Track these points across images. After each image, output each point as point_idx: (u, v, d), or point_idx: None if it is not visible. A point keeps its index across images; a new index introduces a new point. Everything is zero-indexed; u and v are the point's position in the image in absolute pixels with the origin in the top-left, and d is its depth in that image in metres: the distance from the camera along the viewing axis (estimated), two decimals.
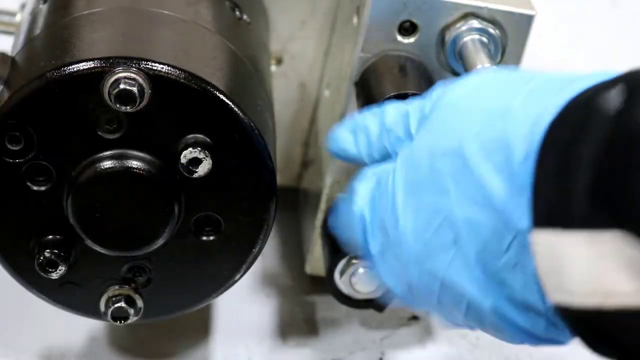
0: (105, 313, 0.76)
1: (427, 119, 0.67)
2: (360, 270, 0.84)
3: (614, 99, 0.55)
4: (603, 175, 0.54)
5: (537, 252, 0.57)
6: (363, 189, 0.70)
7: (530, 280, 0.60)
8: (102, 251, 0.74)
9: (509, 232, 0.60)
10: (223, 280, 0.77)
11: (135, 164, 0.71)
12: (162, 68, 0.70)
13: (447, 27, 0.81)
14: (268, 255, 0.98)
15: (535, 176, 0.57)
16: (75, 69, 0.69)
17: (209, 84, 0.71)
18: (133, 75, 0.69)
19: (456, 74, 0.82)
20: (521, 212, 0.59)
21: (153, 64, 0.69)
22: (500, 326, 0.63)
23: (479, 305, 0.63)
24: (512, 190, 0.59)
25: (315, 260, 0.91)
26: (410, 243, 0.65)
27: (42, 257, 0.73)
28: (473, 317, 0.64)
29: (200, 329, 0.90)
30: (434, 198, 0.63)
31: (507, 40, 0.81)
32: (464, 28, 0.80)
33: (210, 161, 0.71)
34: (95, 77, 0.69)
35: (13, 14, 0.93)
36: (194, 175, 0.72)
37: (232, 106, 0.71)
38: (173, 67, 0.70)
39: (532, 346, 0.64)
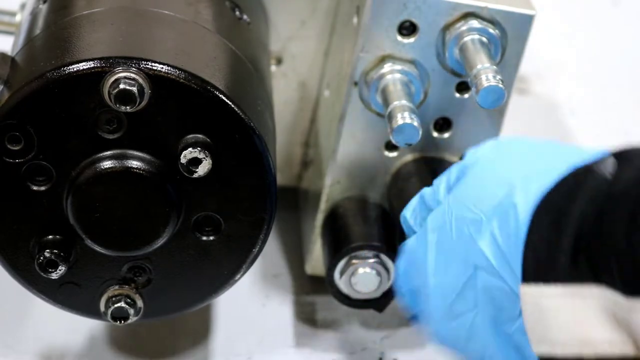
0: (105, 313, 0.76)
1: (454, 188, 0.71)
2: (360, 270, 0.84)
3: (607, 168, 0.60)
4: (586, 232, 0.58)
5: (525, 304, 0.61)
6: (399, 266, 0.74)
7: None
8: (102, 251, 0.74)
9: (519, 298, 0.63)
10: (223, 280, 0.77)
11: (135, 164, 0.71)
12: (162, 68, 0.70)
13: (447, 27, 0.81)
14: (268, 255, 0.98)
15: (527, 235, 0.62)
16: (75, 69, 0.69)
17: (209, 84, 0.71)
18: (133, 75, 0.69)
19: (456, 73, 0.83)
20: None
21: (153, 64, 0.69)
22: None
23: None
24: (516, 256, 0.63)
25: (315, 260, 0.91)
26: (439, 303, 0.69)
27: (42, 257, 0.73)
28: None
29: (200, 329, 0.90)
30: (458, 262, 0.67)
31: (507, 40, 0.81)
32: (464, 28, 0.80)
33: (210, 161, 0.71)
34: (95, 77, 0.69)
35: (13, 14, 0.93)
36: (194, 175, 0.72)
37: (232, 106, 0.71)
38: (173, 67, 0.70)
39: None
